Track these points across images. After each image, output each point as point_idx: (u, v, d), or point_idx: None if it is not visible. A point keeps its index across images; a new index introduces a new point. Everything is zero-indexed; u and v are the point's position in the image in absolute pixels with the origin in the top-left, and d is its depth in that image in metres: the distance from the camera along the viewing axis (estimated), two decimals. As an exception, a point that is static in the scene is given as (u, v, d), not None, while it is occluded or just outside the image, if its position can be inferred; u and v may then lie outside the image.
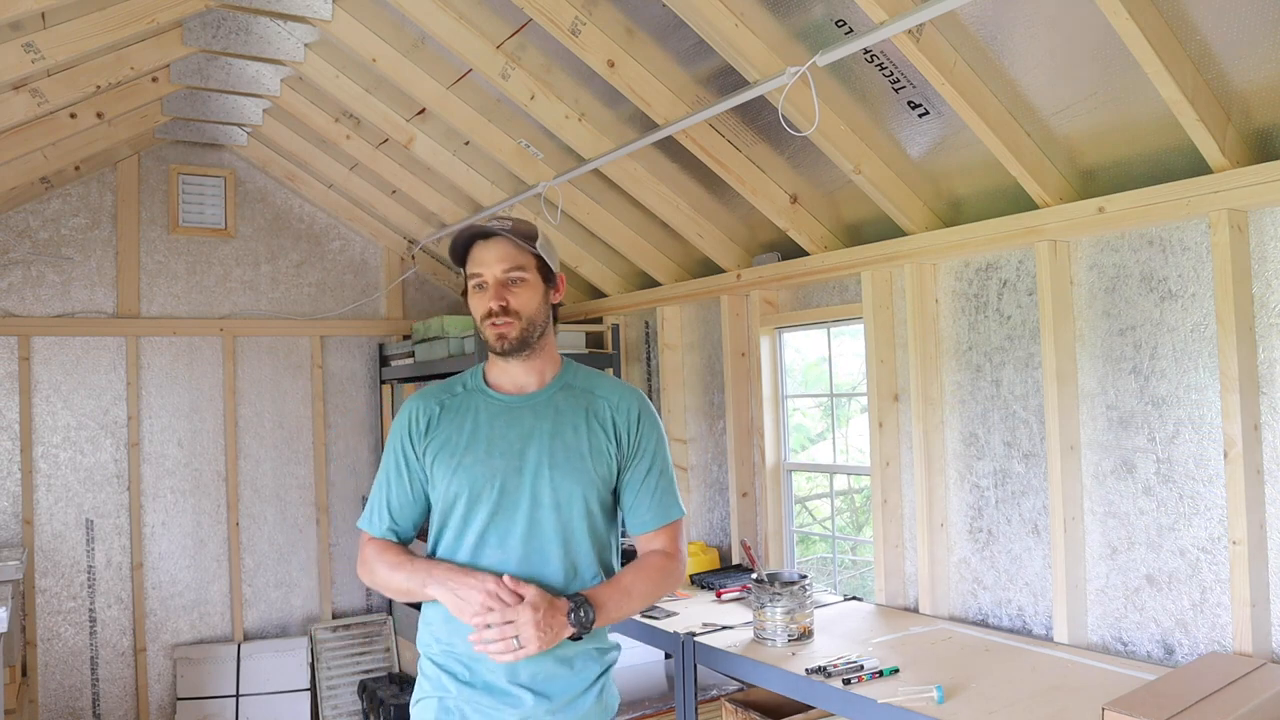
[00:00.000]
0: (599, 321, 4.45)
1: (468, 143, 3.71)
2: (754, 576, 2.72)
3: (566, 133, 3.20)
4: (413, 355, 4.56)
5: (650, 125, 2.97)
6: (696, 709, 2.71)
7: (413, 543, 1.96)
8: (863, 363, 3.11)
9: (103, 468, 4.38)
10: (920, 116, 2.53)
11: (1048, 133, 2.36)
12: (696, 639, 2.70)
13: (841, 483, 5.93)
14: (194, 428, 4.59)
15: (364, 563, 1.90)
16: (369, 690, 4.36)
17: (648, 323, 4.32)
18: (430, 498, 1.89)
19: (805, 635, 2.60)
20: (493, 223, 1.84)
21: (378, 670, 4.76)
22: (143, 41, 3.16)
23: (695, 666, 2.70)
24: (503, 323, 1.82)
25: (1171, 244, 2.30)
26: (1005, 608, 2.71)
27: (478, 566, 1.79)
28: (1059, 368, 2.47)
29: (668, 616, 2.95)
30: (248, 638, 4.66)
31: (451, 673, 1.82)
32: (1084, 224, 2.36)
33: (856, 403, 4.92)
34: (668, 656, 3.29)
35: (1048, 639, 2.55)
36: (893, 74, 2.41)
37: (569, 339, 4.29)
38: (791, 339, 3.76)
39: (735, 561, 3.66)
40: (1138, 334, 2.37)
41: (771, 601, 2.59)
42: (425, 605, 1.89)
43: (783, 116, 2.51)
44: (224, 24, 3.21)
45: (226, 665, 4.48)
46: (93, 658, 4.33)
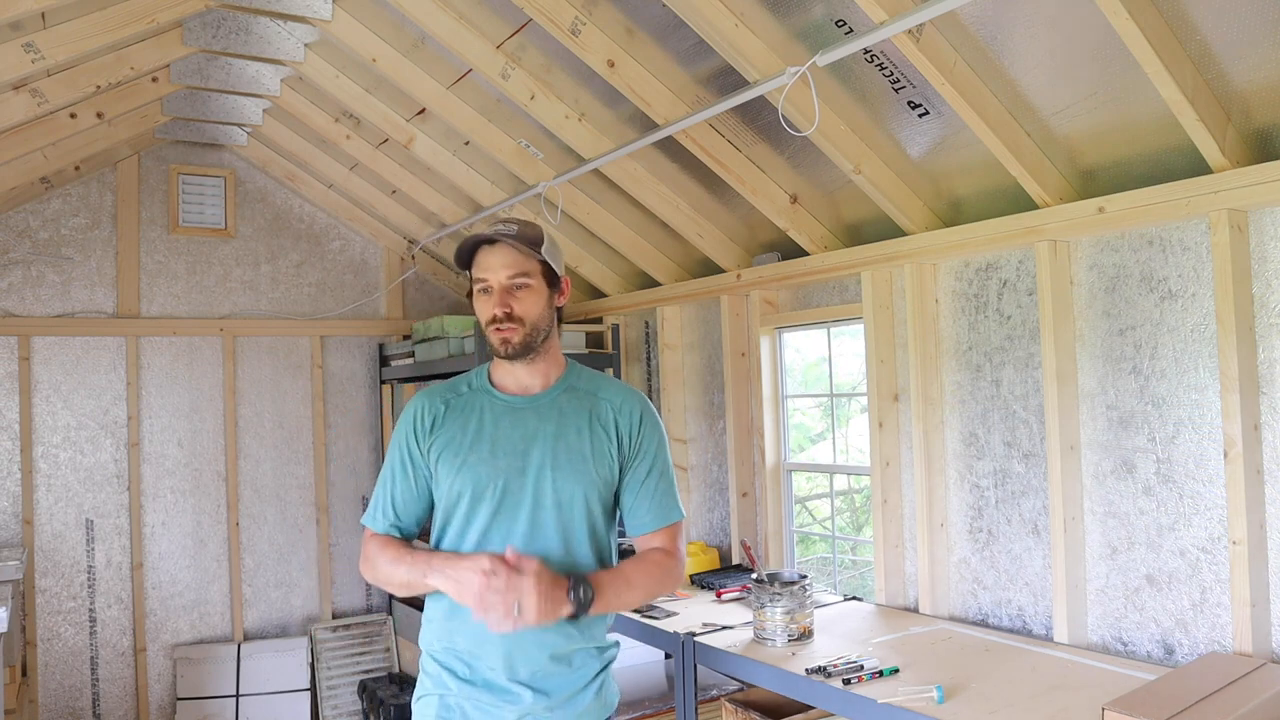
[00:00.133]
0: (599, 321, 4.45)
1: (468, 143, 3.71)
2: (754, 576, 2.72)
3: (566, 133, 3.20)
4: (413, 355, 4.56)
5: (650, 125, 2.97)
6: (696, 709, 2.71)
7: (415, 540, 1.96)
8: (863, 363, 3.11)
9: (103, 468, 4.38)
10: (920, 116, 2.53)
11: (1048, 133, 2.36)
12: (696, 639, 2.70)
13: (841, 483, 5.93)
14: (194, 428, 4.59)
15: (366, 559, 1.90)
16: (369, 690, 4.36)
17: (648, 323, 4.32)
18: (433, 495, 1.90)
19: (805, 635, 2.60)
20: (499, 226, 1.84)
21: (378, 670, 4.76)
22: (143, 41, 3.16)
23: (695, 666, 2.70)
24: (507, 328, 1.82)
25: (1171, 244, 2.30)
26: (1005, 608, 2.71)
27: None
28: (1059, 368, 2.47)
29: (668, 616, 2.95)
30: (248, 638, 4.66)
31: (452, 670, 1.83)
32: (1084, 224, 2.36)
33: (856, 403, 4.92)
34: (668, 656, 3.29)
35: (1048, 639, 2.55)
36: (893, 74, 2.41)
37: (569, 339, 4.29)
38: (791, 339, 3.76)
39: (735, 561, 3.66)
40: (1138, 334, 2.37)
41: (771, 601, 2.59)
42: (427, 603, 1.90)
43: (783, 116, 2.51)
44: (224, 24, 3.21)
45: (226, 665, 4.48)
46: (93, 658, 4.34)
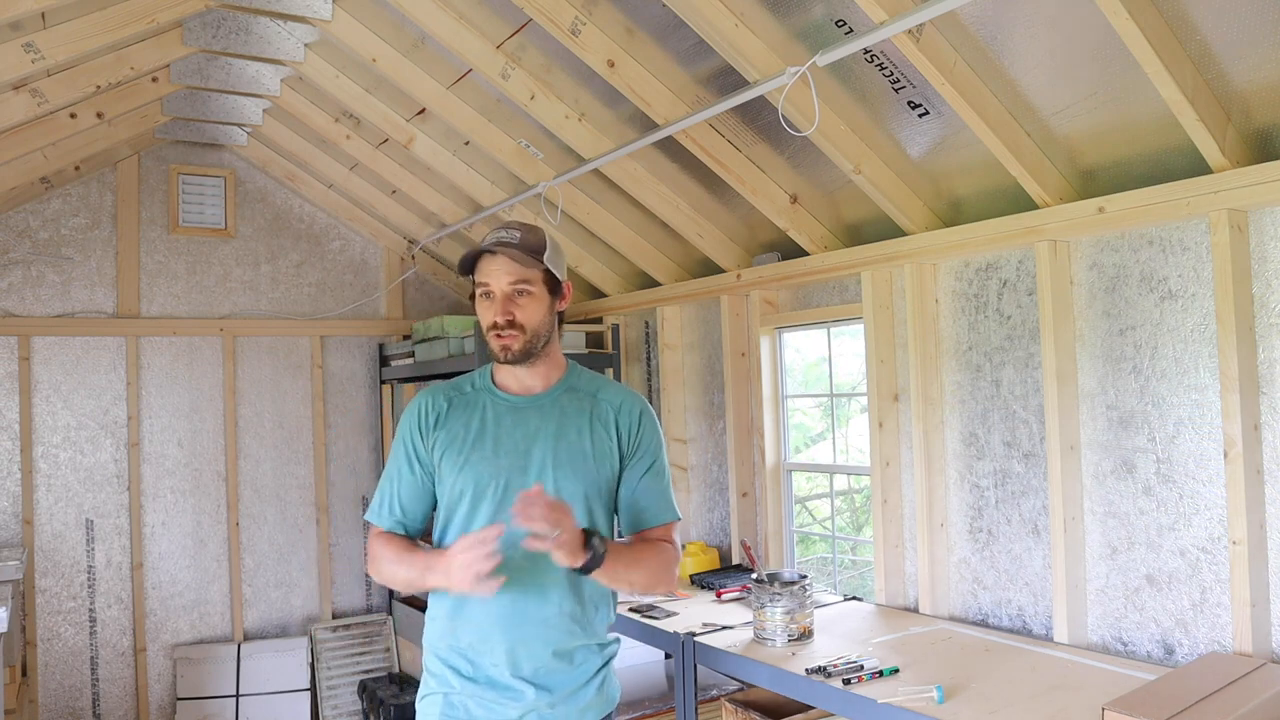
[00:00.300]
0: (599, 321, 4.45)
1: (468, 143, 3.71)
2: (754, 576, 2.72)
3: (566, 133, 3.20)
4: (413, 355, 4.56)
5: (650, 125, 2.97)
6: (696, 709, 2.71)
7: (420, 541, 1.96)
8: (863, 363, 3.11)
9: (103, 468, 4.38)
10: (920, 116, 2.53)
11: (1048, 133, 2.36)
12: (696, 639, 2.70)
13: (841, 483, 5.92)
14: (194, 428, 4.59)
15: (372, 559, 1.91)
16: (369, 690, 4.36)
17: (648, 323, 4.32)
18: (436, 492, 1.91)
19: (805, 635, 2.60)
20: (502, 232, 1.84)
21: (378, 670, 4.76)
22: (143, 41, 3.16)
23: (695, 666, 2.70)
24: (507, 335, 1.83)
25: (1171, 244, 2.30)
26: (1005, 608, 2.71)
27: None
28: (1059, 368, 2.47)
29: (668, 616, 2.95)
30: (248, 638, 4.66)
31: (455, 668, 1.84)
32: (1084, 224, 2.36)
33: (856, 403, 4.92)
34: (668, 656, 3.29)
35: (1048, 639, 2.55)
36: (893, 74, 2.41)
37: (569, 339, 4.29)
38: (791, 339, 3.76)
39: (735, 561, 3.66)
40: (1138, 334, 2.37)
41: (771, 601, 2.59)
42: (430, 602, 1.92)
43: (783, 116, 2.51)
44: (224, 24, 3.21)
45: (226, 665, 4.48)
46: (93, 658, 4.33)
